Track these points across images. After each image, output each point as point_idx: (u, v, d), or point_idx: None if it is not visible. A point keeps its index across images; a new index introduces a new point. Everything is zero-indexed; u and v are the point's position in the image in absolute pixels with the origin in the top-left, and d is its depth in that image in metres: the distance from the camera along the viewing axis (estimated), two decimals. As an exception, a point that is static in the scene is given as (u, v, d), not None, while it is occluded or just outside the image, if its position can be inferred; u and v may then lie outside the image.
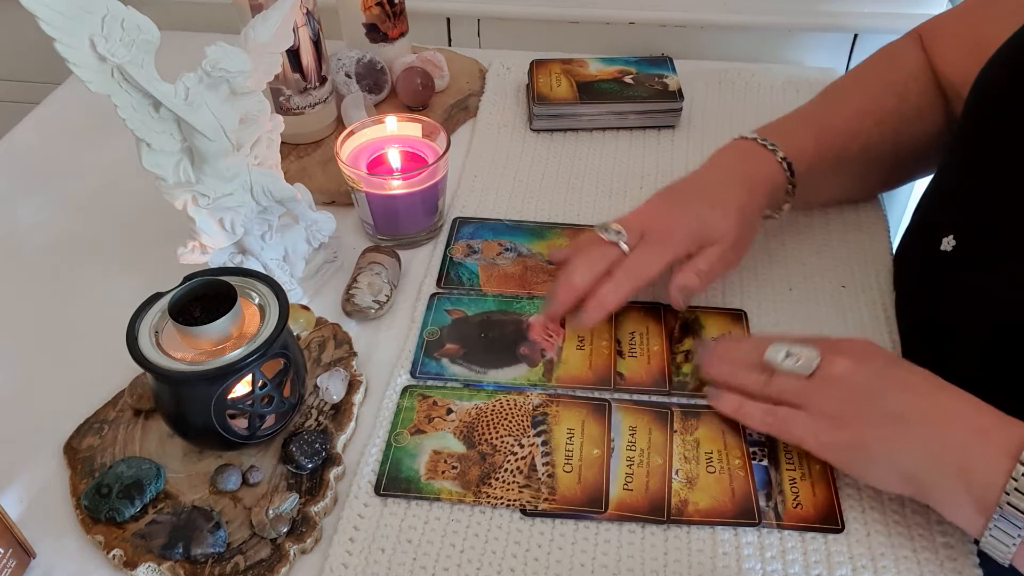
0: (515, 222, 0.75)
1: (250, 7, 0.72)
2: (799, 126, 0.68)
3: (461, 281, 0.69)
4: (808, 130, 0.67)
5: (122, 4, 0.51)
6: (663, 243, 0.61)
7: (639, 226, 0.61)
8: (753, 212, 0.63)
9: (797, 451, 0.56)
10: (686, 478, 0.55)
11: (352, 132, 0.71)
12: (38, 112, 0.91)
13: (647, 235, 0.61)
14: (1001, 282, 0.53)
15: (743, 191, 0.63)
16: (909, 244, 0.68)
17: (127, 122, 0.55)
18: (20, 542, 0.50)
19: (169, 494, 0.54)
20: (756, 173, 0.64)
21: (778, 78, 0.92)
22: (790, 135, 0.66)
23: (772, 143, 0.65)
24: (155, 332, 0.52)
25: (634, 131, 0.86)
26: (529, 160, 0.82)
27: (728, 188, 0.63)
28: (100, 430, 0.58)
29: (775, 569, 0.51)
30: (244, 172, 0.61)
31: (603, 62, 0.89)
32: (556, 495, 0.54)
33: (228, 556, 0.50)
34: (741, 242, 0.63)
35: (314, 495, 0.54)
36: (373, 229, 0.72)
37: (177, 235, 0.62)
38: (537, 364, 0.62)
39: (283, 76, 0.76)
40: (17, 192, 0.80)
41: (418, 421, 0.58)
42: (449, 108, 0.86)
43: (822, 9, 0.98)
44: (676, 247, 0.61)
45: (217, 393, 0.51)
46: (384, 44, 0.85)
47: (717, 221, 0.61)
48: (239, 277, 0.55)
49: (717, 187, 0.64)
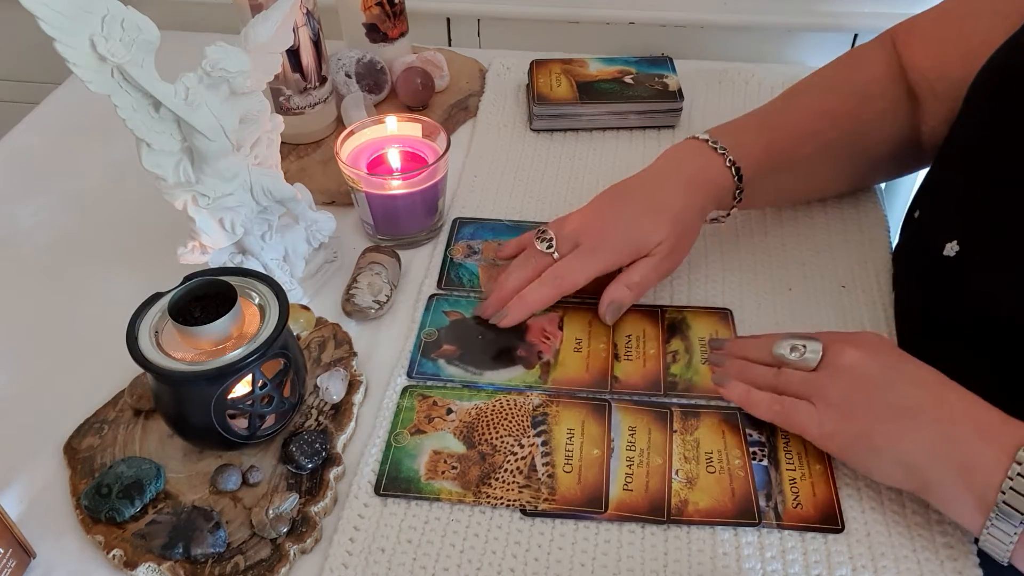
0: (515, 222, 0.75)
1: (250, 7, 0.72)
2: (753, 127, 0.68)
3: (461, 282, 0.69)
4: (761, 132, 0.67)
5: (122, 4, 0.51)
6: (594, 252, 0.62)
7: (574, 232, 0.63)
8: (692, 217, 0.64)
9: (797, 451, 0.56)
10: (686, 478, 0.55)
11: (352, 132, 0.71)
12: (38, 112, 0.91)
13: (581, 242, 0.62)
14: (1005, 287, 0.53)
15: (684, 195, 0.63)
16: (909, 245, 0.67)
17: (127, 122, 0.55)
18: (20, 542, 0.50)
19: (169, 494, 0.54)
20: (701, 176, 0.64)
21: (778, 78, 0.92)
22: (742, 136, 0.66)
23: (722, 146, 0.65)
24: (155, 332, 0.52)
25: (634, 131, 0.86)
26: (529, 160, 0.82)
27: (669, 192, 0.64)
28: (100, 430, 0.58)
29: (775, 569, 0.51)
30: (244, 172, 0.61)
31: (603, 62, 0.89)
32: (556, 495, 0.54)
33: (228, 556, 0.50)
34: (677, 250, 0.63)
35: (314, 495, 0.54)
36: (373, 229, 0.72)
37: (177, 235, 0.62)
38: (534, 366, 0.62)
39: (283, 76, 0.76)
40: (17, 192, 0.80)
41: (418, 421, 0.58)
42: (449, 108, 0.86)
43: (822, 9, 0.97)
44: (607, 257, 0.62)
45: (217, 393, 0.51)
46: (384, 44, 0.86)
47: (652, 230, 0.62)
48: (239, 277, 0.55)
49: (658, 190, 0.64)
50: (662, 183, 0.65)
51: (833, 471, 0.55)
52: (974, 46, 0.59)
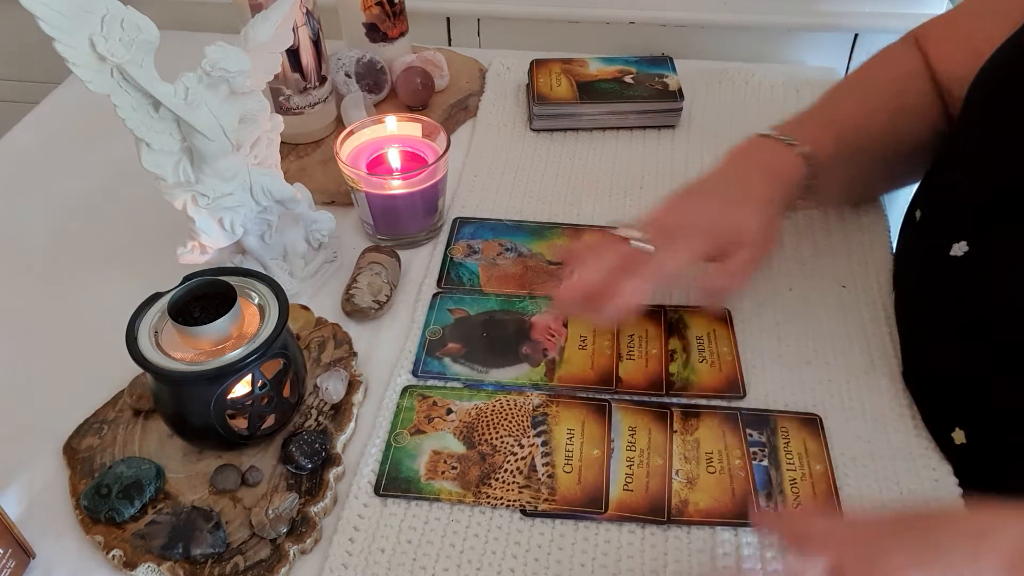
0: (515, 222, 0.75)
1: (250, 7, 0.72)
2: (813, 123, 0.66)
3: (461, 281, 0.69)
4: (823, 126, 0.66)
5: (122, 4, 0.51)
6: (688, 239, 0.58)
7: (660, 224, 0.59)
8: (776, 207, 0.62)
9: (797, 451, 0.56)
10: (686, 478, 0.55)
11: (352, 132, 0.71)
12: (38, 112, 0.91)
13: (671, 232, 0.59)
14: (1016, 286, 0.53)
15: (764, 185, 0.61)
16: (910, 245, 0.67)
17: (127, 122, 0.55)
18: (20, 542, 0.50)
19: (169, 494, 0.54)
20: (776, 168, 0.62)
21: (778, 78, 0.92)
22: (805, 130, 0.65)
23: (791, 138, 0.63)
24: (155, 332, 0.52)
25: (634, 131, 0.86)
26: (529, 160, 0.82)
27: (750, 184, 0.61)
28: (100, 430, 0.58)
29: (775, 569, 0.51)
30: (244, 172, 0.61)
31: (603, 62, 0.89)
32: (556, 495, 0.54)
33: (228, 556, 0.50)
34: (769, 240, 0.61)
35: (314, 495, 0.54)
36: (373, 229, 0.72)
37: (177, 235, 0.62)
38: (539, 364, 0.62)
39: (283, 76, 0.76)
40: (17, 192, 0.80)
41: (418, 421, 0.58)
42: (449, 108, 0.86)
43: (822, 9, 0.97)
44: (702, 244, 0.59)
45: (217, 393, 0.51)
46: (384, 44, 0.85)
47: (744, 219, 0.59)
48: (239, 277, 0.55)
49: (739, 184, 0.62)
50: (740, 177, 0.63)
51: (833, 471, 0.55)
52: (978, 45, 0.59)
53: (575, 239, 0.70)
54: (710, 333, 0.64)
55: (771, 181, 0.62)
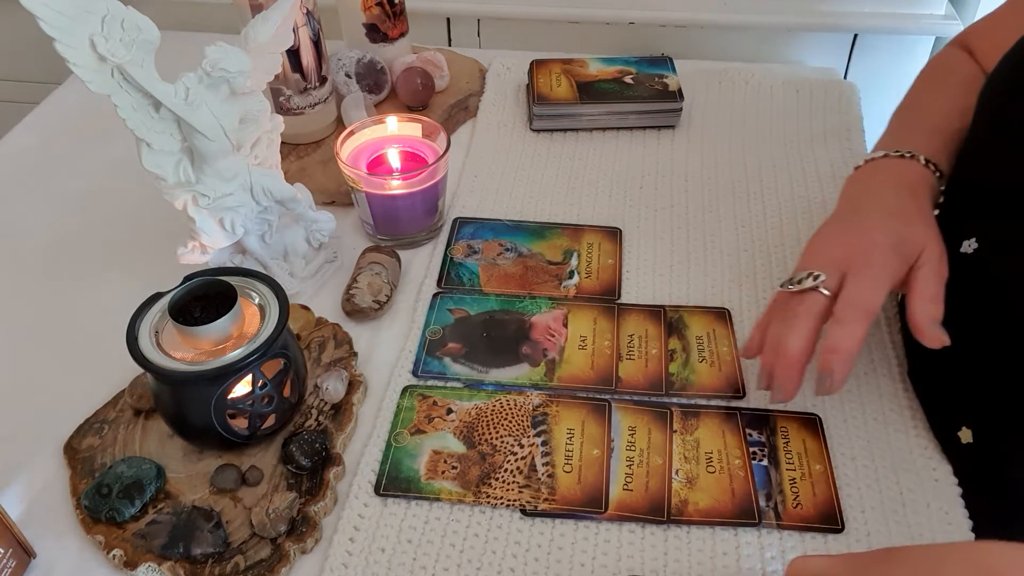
0: (515, 222, 0.75)
1: (250, 7, 0.72)
2: (917, 133, 0.64)
3: (461, 281, 0.69)
4: (927, 135, 0.63)
5: (122, 4, 0.51)
6: (873, 269, 0.54)
7: (831, 262, 0.55)
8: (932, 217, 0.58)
9: (797, 451, 0.56)
10: (686, 478, 0.55)
11: (352, 132, 0.71)
12: (38, 112, 0.91)
13: (848, 267, 0.54)
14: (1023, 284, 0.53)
15: (914, 200, 0.58)
16: None
17: (127, 122, 0.55)
18: (20, 542, 0.50)
19: (169, 494, 0.54)
20: (914, 182, 0.59)
21: (778, 78, 0.92)
22: (916, 142, 0.61)
23: (909, 151, 0.61)
24: (155, 332, 0.52)
25: (634, 131, 0.86)
26: (529, 160, 0.82)
27: (902, 200, 0.58)
28: (100, 430, 0.58)
29: (775, 569, 0.51)
30: (244, 172, 0.61)
31: (603, 62, 0.89)
32: (556, 495, 0.54)
33: (228, 556, 0.51)
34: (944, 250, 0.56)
35: (314, 495, 0.54)
36: (373, 229, 0.72)
37: (177, 235, 0.62)
38: (539, 364, 0.62)
39: (283, 76, 0.76)
40: (17, 192, 0.80)
41: (418, 421, 0.58)
42: (449, 108, 0.86)
43: (822, 9, 0.98)
44: (891, 269, 0.54)
45: (217, 393, 0.51)
46: (384, 44, 0.86)
47: (917, 235, 0.55)
48: (239, 277, 0.55)
49: (891, 202, 0.58)
50: (888, 196, 0.59)
51: (833, 471, 0.55)
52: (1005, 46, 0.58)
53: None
54: (710, 333, 0.64)
55: (917, 194, 0.59)
